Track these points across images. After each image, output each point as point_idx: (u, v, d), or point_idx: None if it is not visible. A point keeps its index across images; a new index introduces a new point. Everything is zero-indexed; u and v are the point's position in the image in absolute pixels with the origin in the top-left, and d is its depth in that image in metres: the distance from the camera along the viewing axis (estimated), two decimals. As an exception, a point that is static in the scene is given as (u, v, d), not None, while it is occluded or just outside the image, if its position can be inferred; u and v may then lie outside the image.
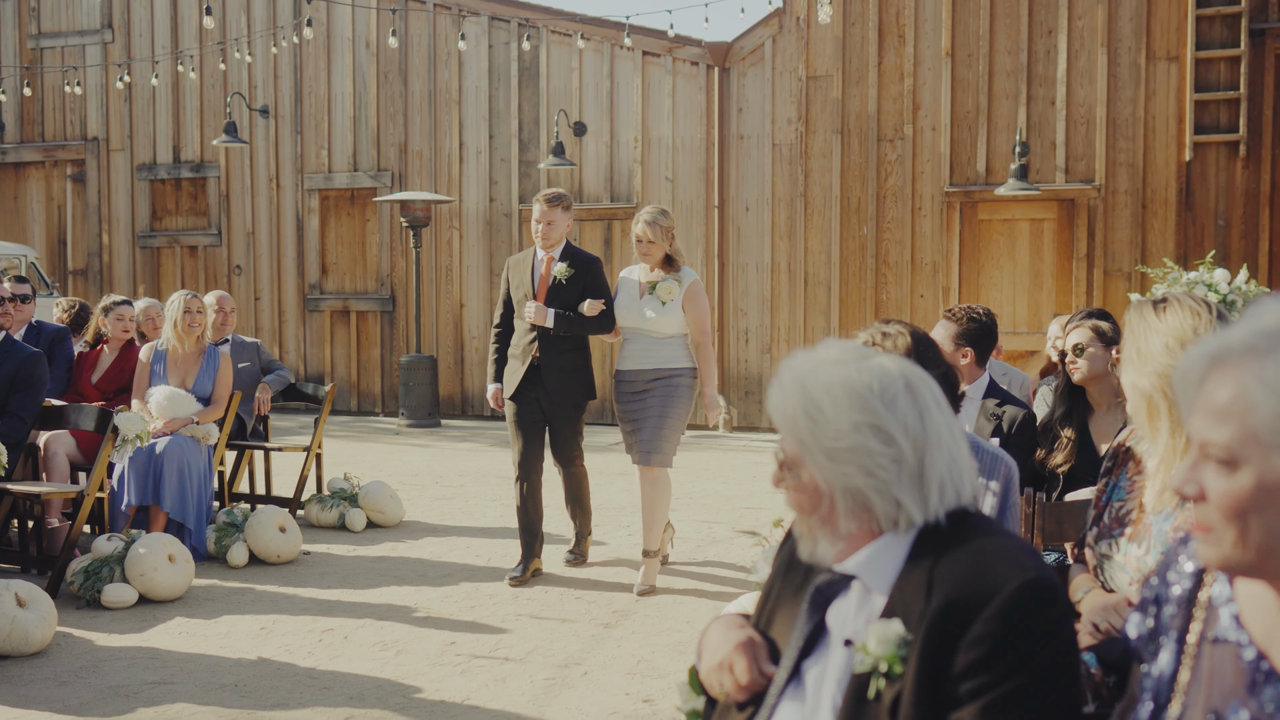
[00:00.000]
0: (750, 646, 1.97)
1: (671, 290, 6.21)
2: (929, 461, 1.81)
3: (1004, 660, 1.67)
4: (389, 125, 14.30)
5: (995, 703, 1.67)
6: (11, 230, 16.18)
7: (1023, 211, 12.17)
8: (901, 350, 3.02)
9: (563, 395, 6.38)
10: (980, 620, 1.69)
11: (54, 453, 6.67)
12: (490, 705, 4.52)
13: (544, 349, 6.33)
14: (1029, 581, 1.70)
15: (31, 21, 15.90)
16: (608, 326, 6.36)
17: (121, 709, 4.42)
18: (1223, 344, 1.47)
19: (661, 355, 6.23)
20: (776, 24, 12.80)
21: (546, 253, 6.42)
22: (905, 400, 1.83)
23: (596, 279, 6.41)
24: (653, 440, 6.20)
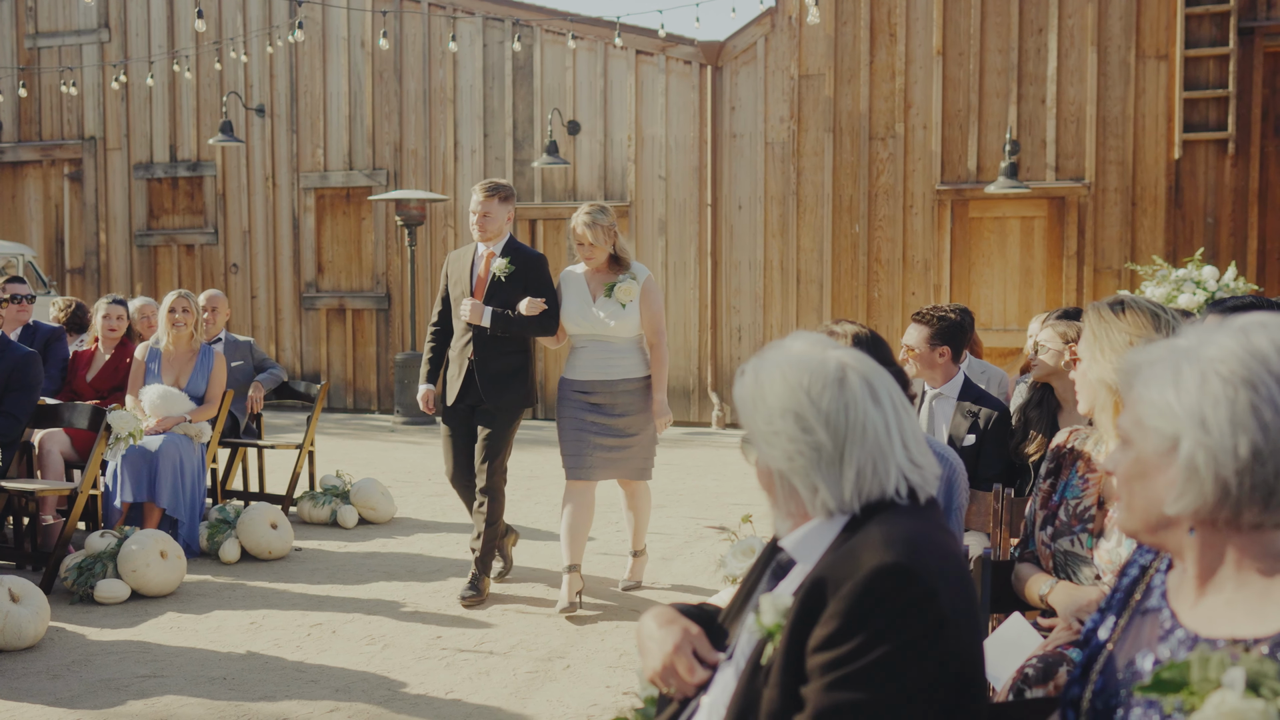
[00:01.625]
0: (687, 642, 2.05)
1: (631, 290, 5.79)
2: (848, 452, 1.89)
3: (849, 639, 1.74)
4: (384, 124, 14.38)
5: (838, 681, 1.73)
6: (9, 229, 16.27)
7: (1013, 209, 12.24)
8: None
9: (496, 402, 5.93)
10: (836, 598, 1.77)
11: (48, 450, 6.75)
12: (473, 698, 4.60)
13: (480, 351, 5.92)
14: (884, 565, 1.76)
15: (29, 21, 15.98)
16: (550, 328, 5.93)
17: (111, 701, 4.51)
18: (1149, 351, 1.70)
19: (621, 363, 5.82)
20: (769, 23, 12.88)
21: (487, 247, 6.02)
22: (832, 393, 1.92)
23: (539, 277, 5.98)
24: (636, 458, 5.91)
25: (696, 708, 2.05)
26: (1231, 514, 1.60)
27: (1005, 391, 5.91)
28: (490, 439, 5.97)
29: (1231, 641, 1.58)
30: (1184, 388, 1.60)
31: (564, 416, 5.86)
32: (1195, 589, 1.69)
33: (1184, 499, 1.61)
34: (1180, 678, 1.54)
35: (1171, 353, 1.66)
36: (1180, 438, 1.60)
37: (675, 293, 13.36)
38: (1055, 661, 2.64)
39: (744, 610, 2.10)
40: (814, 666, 1.76)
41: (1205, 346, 1.62)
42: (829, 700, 1.73)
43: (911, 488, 1.94)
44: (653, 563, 6.85)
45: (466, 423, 6.03)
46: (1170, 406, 1.61)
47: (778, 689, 1.81)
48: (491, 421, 5.95)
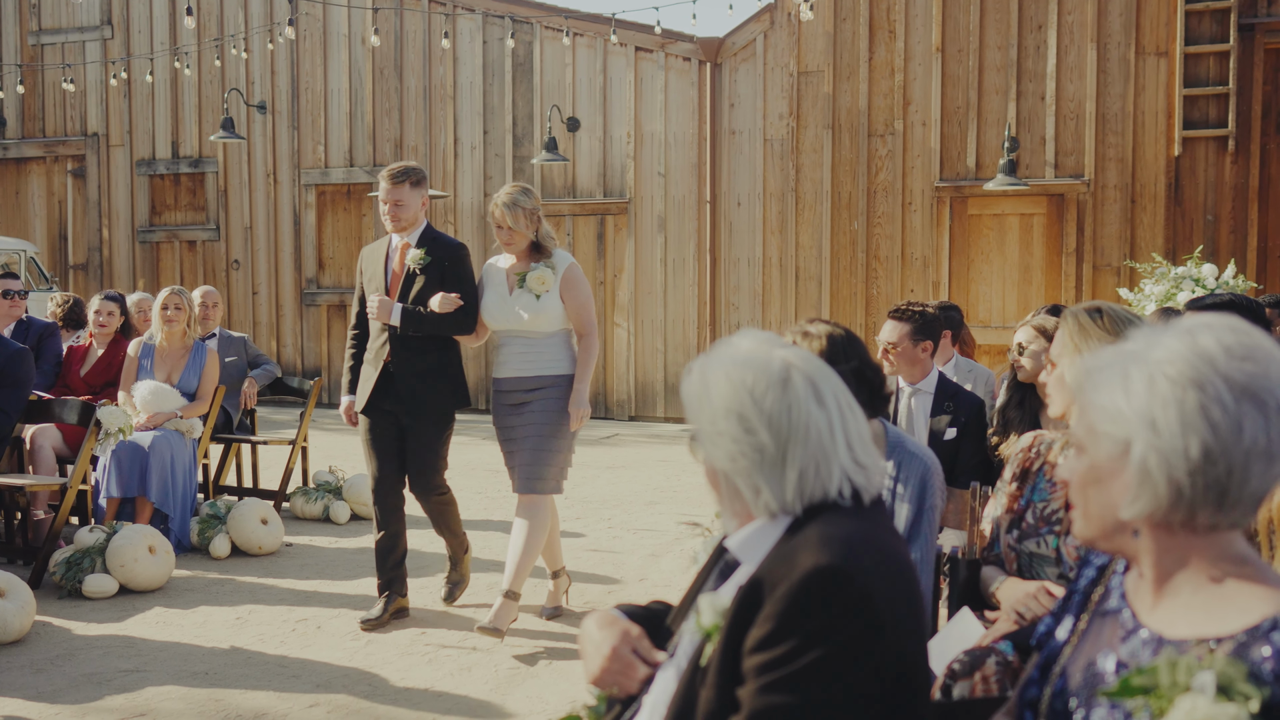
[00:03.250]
0: (625, 643, 2.05)
1: (545, 279, 5.25)
2: (790, 454, 1.88)
3: (784, 641, 1.73)
4: (384, 121, 14.40)
5: (773, 683, 1.73)
6: (13, 225, 16.33)
7: (1012, 206, 12.22)
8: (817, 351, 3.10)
9: (420, 407, 5.42)
10: (772, 599, 1.76)
11: (39, 446, 6.78)
12: (453, 693, 4.62)
13: (397, 352, 5.39)
14: (819, 566, 1.75)
15: (32, 18, 16.03)
16: (467, 326, 5.42)
17: (92, 696, 4.53)
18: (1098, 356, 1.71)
19: (543, 359, 5.31)
20: (768, 19, 12.86)
21: (401, 238, 5.50)
22: (775, 394, 1.91)
23: (457, 269, 5.45)
24: (534, 463, 5.27)
25: (639, 708, 2.05)
26: (1186, 516, 1.59)
27: (991, 390, 5.91)
28: (420, 452, 5.45)
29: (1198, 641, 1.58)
30: (1133, 391, 1.60)
31: (497, 426, 5.43)
32: (1153, 593, 1.68)
33: (1138, 503, 1.60)
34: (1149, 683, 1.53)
35: (1120, 357, 1.66)
36: (1131, 441, 1.59)
37: (674, 290, 13.35)
38: (982, 655, 2.65)
39: (689, 610, 2.11)
40: (749, 668, 1.76)
41: (1152, 349, 1.62)
42: (763, 702, 1.73)
43: (855, 489, 1.93)
44: (641, 559, 6.86)
45: (387, 427, 5.48)
46: (1120, 410, 1.61)
47: (714, 690, 1.81)
48: (418, 432, 5.44)
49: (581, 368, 5.35)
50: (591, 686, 2.16)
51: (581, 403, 5.31)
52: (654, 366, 13.45)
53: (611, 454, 11.04)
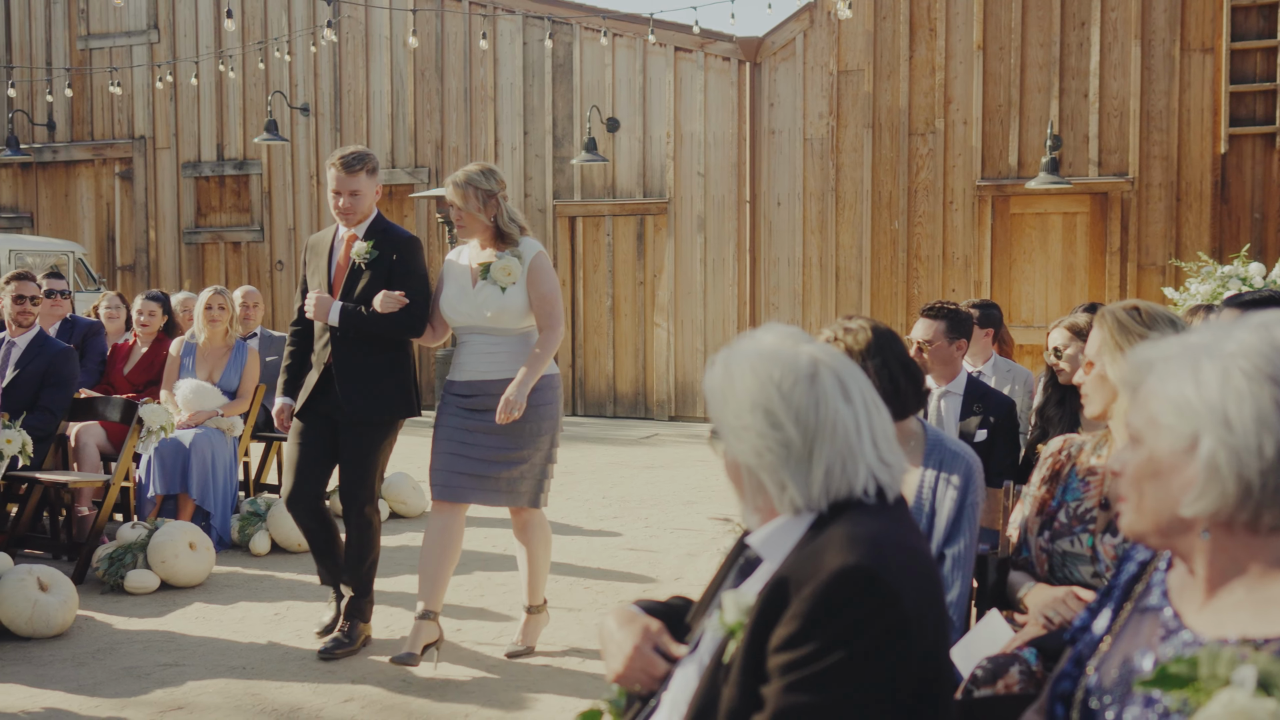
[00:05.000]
0: (647, 639, 2.04)
1: (511, 270, 4.70)
2: (817, 450, 1.87)
3: (810, 641, 1.72)
4: (426, 122, 14.50)
5: (798, 682, 1.72)
6: (62, 227, 16.60)
7: (1055, 205, 12.09)
8: (861, 345, 3.09)
9: (360, 414, 4.93)
10: (798, 598, 1.75)
11: (84, 443, 6.89)
12: (487, 689, 4.64)
13: (339, 351, 4.94)
14: (847, 566, 1.74)
15: (80, 23, 16.29)
16: (414, 327, 4.93)
17: (133, 689, 4.60)
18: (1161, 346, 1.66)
19: (508, 360, 4.78)
20: (808, 19, 12.82)
21: (348, 230, 5.02)
22: (803, 389, 1.89)
23: (406, 263, 4.94)
24: (530, 480, 4.85)
25: (658, 704, 2.05)
26: (1251, 516, 1.54)
27: (1030, 390, 5.86)
28: (355, 460, 4.97)
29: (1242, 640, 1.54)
30: (1204, 384, 1.54)
31: (439, 424, 4.87)
32: (1204, 593, 1.64)
33: (1203, 500, 1.55)
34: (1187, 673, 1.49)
35: (1187, 348, 1.60)
36: (1200, 435, 1.54)
37: (714, 290, 13.34)
38: (1005, 663, 2.63)
39: (710, 606, 2.10)
40: (774, 667, 1.75)
41: (1225, 342, 1.57)
42: (787, 701, 1.72)
43: (880, 486, 1.92)
44: (678, 559, 6.86)
45: (319, 434, 5.03)
46: (1189, 403, 1.55)
47: (737, 688, 1.81)
48: (355, 439, 4.96)
49: (534, 359, 4.71)
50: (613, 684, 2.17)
51: (520, 395, 4.63)
52: (694, 366, 13.44)
53: (650, 454, 11.05)
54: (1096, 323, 3.20)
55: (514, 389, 4.64)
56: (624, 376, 13.81)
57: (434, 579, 4.81)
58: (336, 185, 4.94)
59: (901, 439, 3.11)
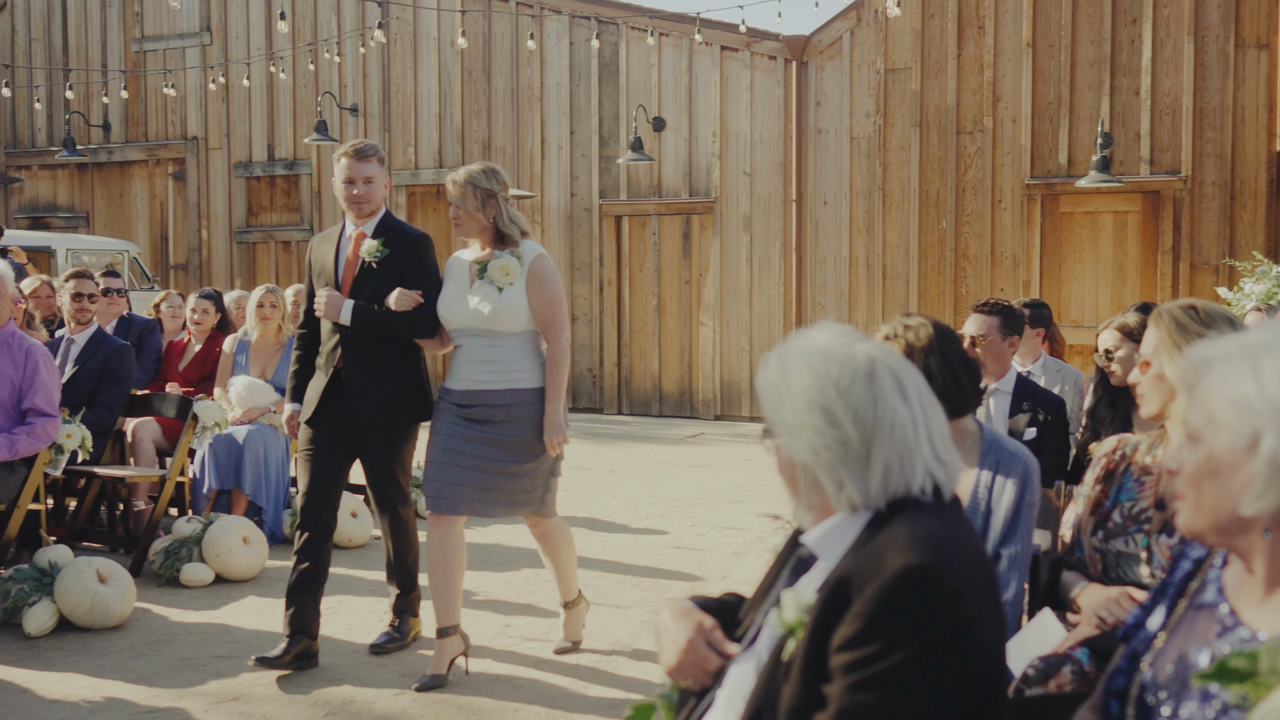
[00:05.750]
0: (701, 635, 2.06)
1: (509, 269, 4.53)
2: (875, 448, 1.88)
3: (873, 640, 1.73)
4: (473, 122, 14.59)
5: (861, 682, 1.73)
6: (117, 226, 16.87)
7: (1106, 204, 11.97)
8: (923, 341, 3.09)
9: (376, 416, 4.77)
10: (861, 598, 1.76)
11: (140, 439, 7.01)
12: (535, 684, 4.68)
13: (350, 353, 4.75)
14: (910, 566, 1.75)
15: (135, 26, 16.55)
16: (428, 327, 4.75)
17: (188, 680, 4.68)
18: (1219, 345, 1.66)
19: (510, 369, 4.59)
20: (855, 17, 12.78)
21: (356, 226, 4.84)
22: (861, 388, 1.90)
23: (419, 262, 4.80)
24: (539, 489, 4.70)
25: (712, 701, 2.07)
26: None
27: (1081, 390, 5.81)
28: (380, 466, 4.86)
29: None
30: (1265, 382, 1.54)
31: (433, 432, 4.71)
32: (1263, 590, 1.64)
33: (1265, 498, 1.54)
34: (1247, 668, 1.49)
35: (1247, 347, 1.60)
36: (1261, 434, 1.53)
37: (759, 289, 13.33)
38: (1058, 662, 2.62)
39: (763, 604, 2.11)
40: (837, 666, 1.76)
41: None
42: (851, 700, 1.73)
43: (937, 485, 1.93)
44: (725, 557, 6.87)
45: (333, 443, 4.82)
46: (1250, 401, 1.55)
47: (798, 686, 1.82)
48: (374, 449, 4.83)
49: (552, 381, 4.58)
50: (666, 677, 2.19)
51: (557, 427, 4.57)
52: (739, 366, 13.44)
53: (696, 453, 11.06)
54: (1153, 322, 3.18)
55: (550, 423, 4.56)
56: (669, 375, 13.83)
57: (445, 593, 4.66)
58: (350, 174, 4.75)
59: (957, 438, 3.10)
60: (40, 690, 4.56)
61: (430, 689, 4.58)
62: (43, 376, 5.50)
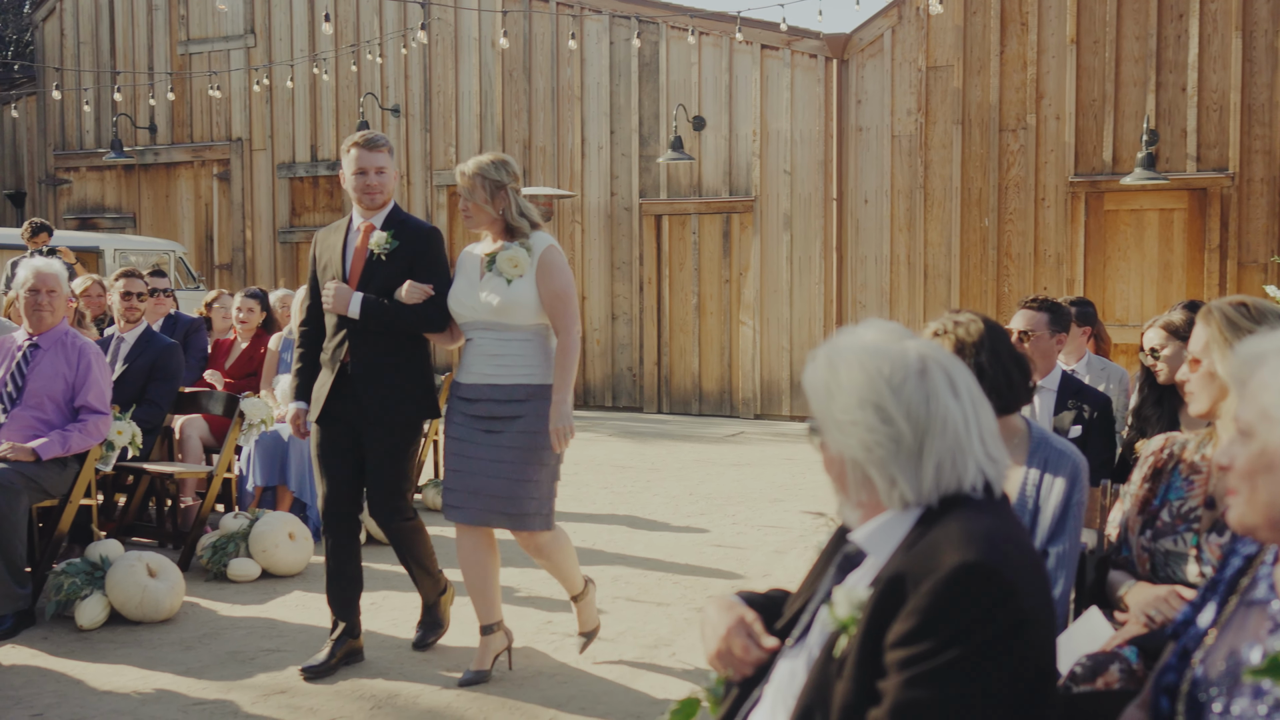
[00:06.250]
0: (742, 627, 2.09)
1: (517, 261, 4.43)
2: (928, 445, 1.88)
3: (930, 636, 1.73)
4: (513, 122, 14.66)
5: (917, 677, 1.73)
6: (163, 227, 17.10)
7: (1151, 201, 11.85)
8: (974, 337, 3.08)
9: (382, 414, 4.63)
10: (916, 594, 1.77)
11: (188, 436, 7.11)
12: (577, 680, 4.71)
13: (357, 349, 4.63)
14: (966, 563, 1.75)
15: (181, 29, 16.77)
16: (439, 321, 4.63)
17: (236, 673, 4.75)
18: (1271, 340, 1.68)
19: (519, 363, 4.47)
20: (896, 14, 12.72)
21: (364, 218, 4.74)
22: (913, 385, 1.91)
23: (429, 255, 4.68)
24: (511, 498, 4.46)
25: (759, 697, 2.08)
26: None
27: (1126, 388, 5.77)
28: (380, 468, 4.68)
29: None
30: None
31: (447, 436, 4.63)
32: None
33: None
34: None
35: None
36: None
37: (800, 288, 13.30)
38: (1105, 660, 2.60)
39: (808, 600, 2.12)
40: (892, 662, 1.77)
41: None
42: (906, 696, 1.74)
43: (988, 482, 1.93)
44: (766, 556, 6.87)
45: (344, 442, 4.71)
46: None
47: (851, 682, 1.83)
48: (379, 443, 4.67)
49: (561, 375, 4.44)
50: (708, 666, 2.21)
51: (563, 418, 4.40)
52: (779, 365, 13.42)
53: (736, 451, 11.06)
54: (1203, 319, 3.16)
55: (556, 416, 4.39)
56: (709, 374, 13.83)
57: (483, 594, 4.64)
58: (361, 164, 4.64)
59: (1005, 435, 3.09)
60: (93, 682, 4.64)
61: (473, 684, 4.61)
62: (95, 374, 5.59)
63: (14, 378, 5.53)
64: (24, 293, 5.59)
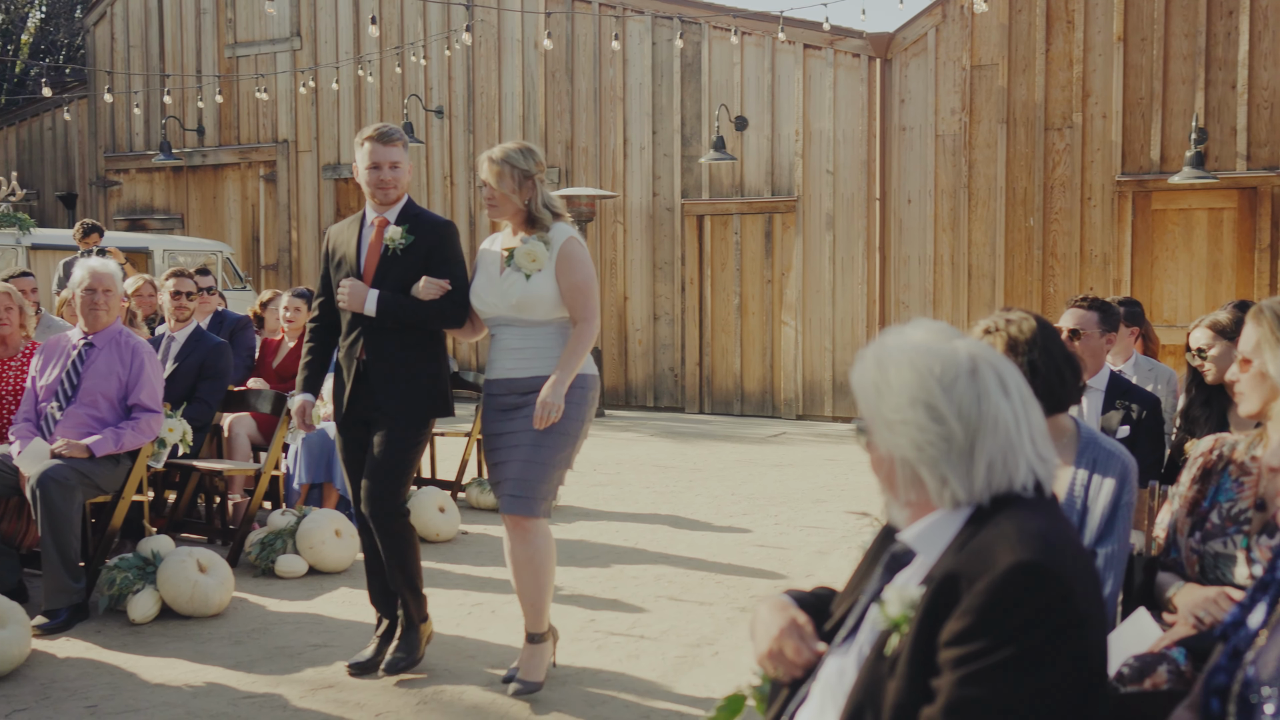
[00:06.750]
0: (793, 629, 2.10)
1: (535, 256, 4.36)
2: (979, 444, 1.89)
3: (984, 635, 1.74)
4: (556, 123, 14.72)
5: (971, 676, 1.74)
6: (211, 228, 17.32)
7: (1200, 201, 11.70)
8: (1027, 334, 3.07)
9: (393, 410, 4.54)
10: (971, 593, 1.77)
11: (236, 434, 7.20)
12: (620, 679, 4.73)
13: (373, 346, 4.56)
14: (1021, 562, 1.75)
15: (228, 32, 16.97)
16: (455, 317, 4.56)
17: (285, 668, 4.81)
18: None
19: (540, 356, 4.41)
20: (940, 13, 12.65)
21: (378, 214, 4.65)
22: (965, 384, 1.91)
23: (444, 250, 4.59)
24: (522, 479, 4.37)
25: (806, 694, 2.09)
26: None
27: (1174, 389, 5.71)
28: (384, 462, 4.53)
29: None
30: None
31: (483, 432, 4.61)
32: None
33: None
34: None
35: None
36: None
37: (842, 288, 13.26)
38: (1153, 661, 2.59)
39: (854, 598, 2.13)
40: (946, 660, 1.78)
41: None
42: (961, 694, 1.74)
43: (1038, 481, 1.94)
44: (809, 556, 6.86)
45: (367, 439, 4.65)
46: None
47: (904, 680, 1.83)
48: (387, 437, 4.54)
49: (567, 356, 4.36)
50: (757, 666, 2.22)
51: (555, 395, 4.29)
52: (822, 365, 13.38)
53: (778, 452, 11.04)
54: (1253, 318, 3.12)
55: (548, 390, 4.30)
56: (751, 375, 13.82)
57: (536, 601, 4.55)
58: (376, 158, 4.55)
59: (1054, 435, 3.08)
60: (145, 674, 4.72)
61: (529, 694, 4.46)
62: (148, 373, 5.68)
63: (69, 376, 5.64)
64: (80, 292, 5.69)
